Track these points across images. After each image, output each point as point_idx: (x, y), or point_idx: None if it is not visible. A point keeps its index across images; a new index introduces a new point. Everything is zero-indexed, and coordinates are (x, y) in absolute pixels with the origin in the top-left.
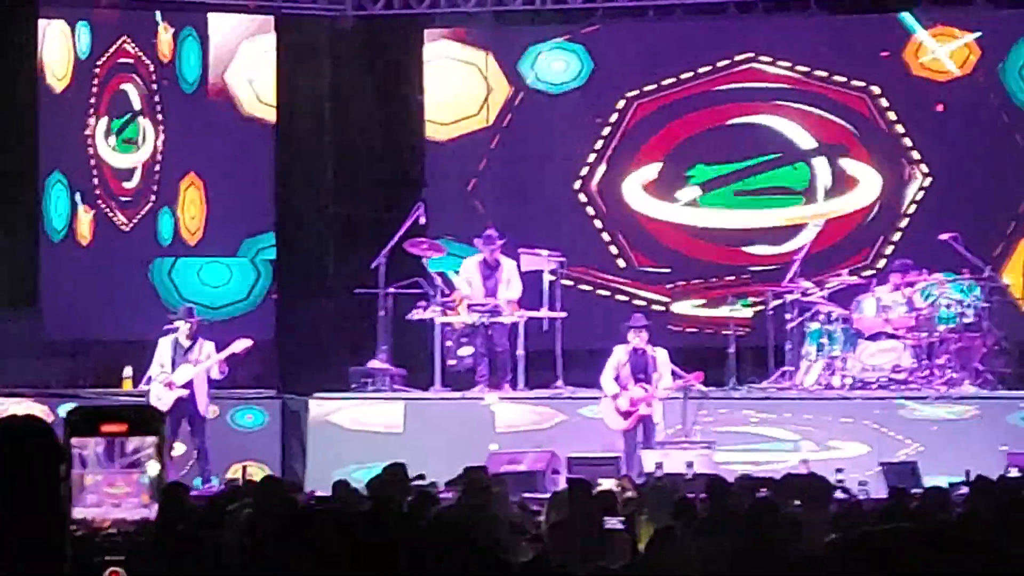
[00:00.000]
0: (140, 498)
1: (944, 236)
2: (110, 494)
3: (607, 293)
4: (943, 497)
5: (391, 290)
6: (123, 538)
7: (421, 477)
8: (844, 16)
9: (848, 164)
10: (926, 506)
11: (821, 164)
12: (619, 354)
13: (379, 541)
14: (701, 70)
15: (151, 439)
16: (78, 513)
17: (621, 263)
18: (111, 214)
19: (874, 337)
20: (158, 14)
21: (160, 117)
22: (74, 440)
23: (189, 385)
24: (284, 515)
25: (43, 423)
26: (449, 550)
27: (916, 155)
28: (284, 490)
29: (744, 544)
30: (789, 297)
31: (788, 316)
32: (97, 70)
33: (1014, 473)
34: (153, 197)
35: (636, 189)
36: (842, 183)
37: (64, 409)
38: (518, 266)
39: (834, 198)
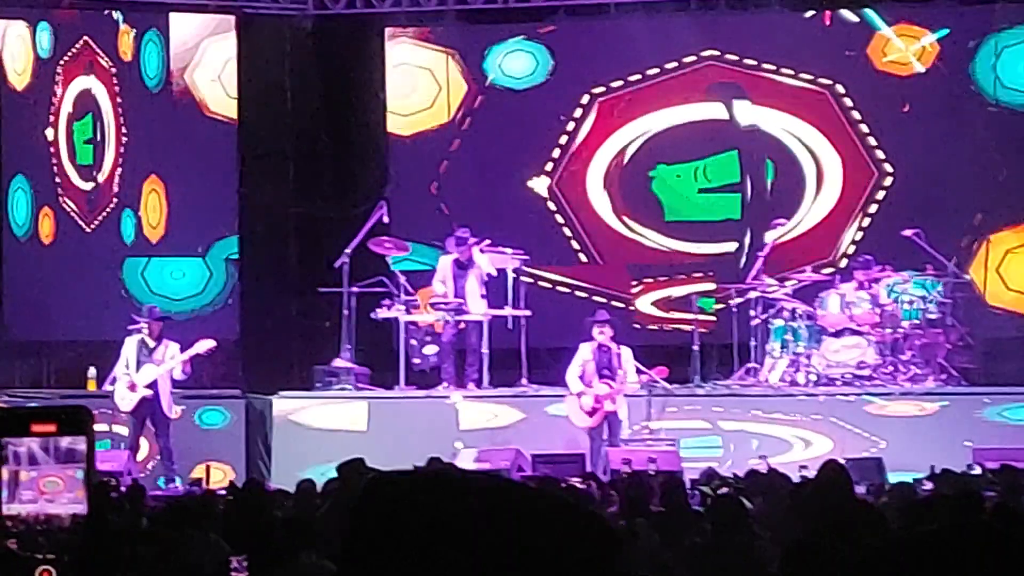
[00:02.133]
0: (75, 494)
1: (907, 232)
2: (44, 490)
3: (571, 291)
4: (909, 492)
5: (355, 289)
6: (55, 535)
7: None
8: (807, 13)
9: (811, 160)
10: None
11: (785, 161)
12: (584, 352)
13: None
14: (663, 67)
15: (81, 438)
16: (13, 509)
17: (584, 261)
18: (73, 214)
19: (838, 333)
20: (119, 14)
21: (122, 117)
22: (9, 439)
23: (153, 385)
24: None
25: None
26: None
27: (880, 151)
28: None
29: (706, 540)
30: (752, 294)
31: (752, 313)
32: (58, 70)
33: (977, 471)
34: (115, 197)
35: (598, 187)
36: (805, 179)
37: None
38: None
39: (797, 194)
